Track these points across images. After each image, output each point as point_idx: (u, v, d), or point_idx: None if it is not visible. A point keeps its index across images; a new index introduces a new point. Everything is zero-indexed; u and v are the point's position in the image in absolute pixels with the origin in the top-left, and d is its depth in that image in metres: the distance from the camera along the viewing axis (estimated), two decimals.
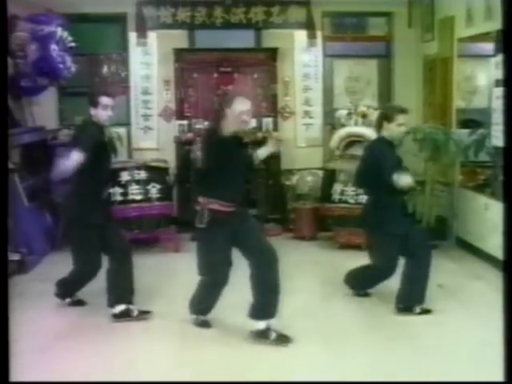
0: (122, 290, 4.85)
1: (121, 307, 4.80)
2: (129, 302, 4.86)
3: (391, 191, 4.74)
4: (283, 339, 4.34)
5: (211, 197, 4.32)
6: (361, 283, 5.35)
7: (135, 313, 4.84)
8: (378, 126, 5.05)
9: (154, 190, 7.06)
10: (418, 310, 4.96)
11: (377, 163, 4.83)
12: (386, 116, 4.94)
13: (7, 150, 2.69)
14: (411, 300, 4.98)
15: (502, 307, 2.52)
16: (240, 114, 4.22)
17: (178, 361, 4.18)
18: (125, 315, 4.80)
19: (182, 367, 4.06)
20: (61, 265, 5.16)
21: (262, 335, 4.35)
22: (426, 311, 4.97)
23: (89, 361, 4.11)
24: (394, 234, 4.87)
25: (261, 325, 4.36)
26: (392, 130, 4.88)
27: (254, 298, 4.41)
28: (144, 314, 4.88)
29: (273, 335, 4.35)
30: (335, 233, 7.15)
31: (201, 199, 4.36)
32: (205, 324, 4.69)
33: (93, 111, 4.75)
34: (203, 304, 4.68)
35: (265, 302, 4.38)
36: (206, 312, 4.71)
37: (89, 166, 4.56)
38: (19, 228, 6.00)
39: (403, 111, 4.92)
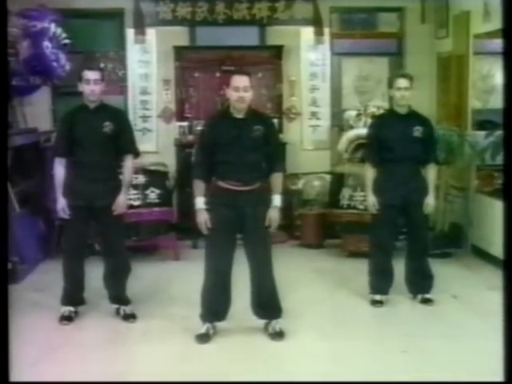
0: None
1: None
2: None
3: (387, 161, 5.06)
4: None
5: (217, 176, 4.45)
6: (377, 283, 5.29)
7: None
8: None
9: (152, 194, 6.99)
10: (419, 298, 5.19)
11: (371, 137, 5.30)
12: (389, 82, 5.28)
13: (6, 155, 2.70)
14: (412, 287, 5.25)
15: (502, 308, 2.53)
16: (234, 89, 4.27)
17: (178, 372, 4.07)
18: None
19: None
20: (54, 273, 5.06)
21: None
22: (427, 300, 5.14)
23: (84, 370, 4.06)
24: (385, 205, 5.07)
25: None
26: (393, 95, 5.11)
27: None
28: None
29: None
30: (343, 240, 7.06)
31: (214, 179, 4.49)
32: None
33: (80, 87, 4.85)
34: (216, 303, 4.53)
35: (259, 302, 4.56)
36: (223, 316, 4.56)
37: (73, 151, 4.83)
38: (10, 236, 5.90)
39: (403, 75, 5.16)
